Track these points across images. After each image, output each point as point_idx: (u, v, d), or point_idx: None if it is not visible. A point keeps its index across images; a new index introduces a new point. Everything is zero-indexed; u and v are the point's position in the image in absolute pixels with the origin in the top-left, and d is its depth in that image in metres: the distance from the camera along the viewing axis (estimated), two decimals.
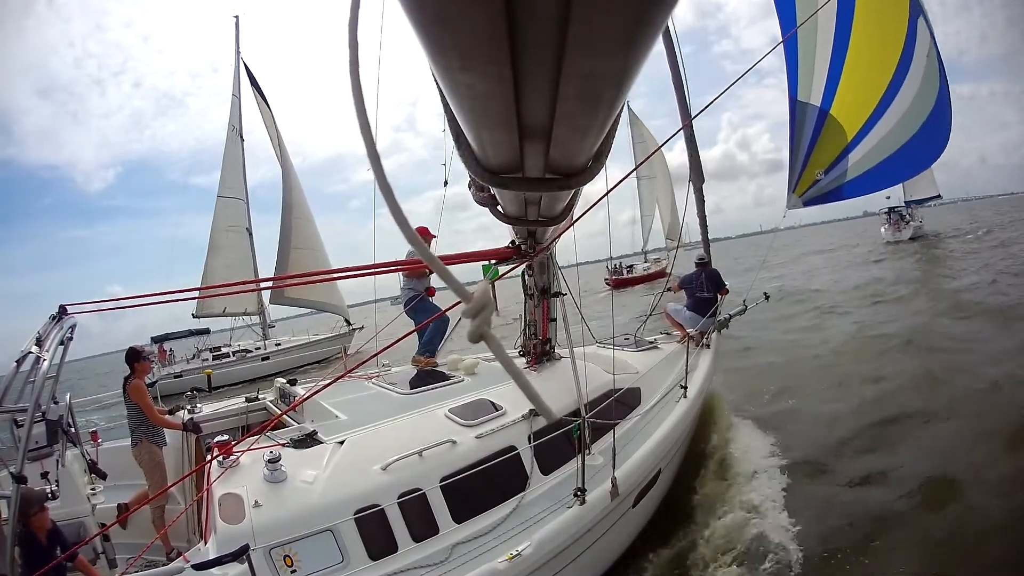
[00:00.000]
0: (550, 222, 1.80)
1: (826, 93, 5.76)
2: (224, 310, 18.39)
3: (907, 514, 4.08)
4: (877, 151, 5.72)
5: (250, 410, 4.71)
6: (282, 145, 20.35)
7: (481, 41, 0.62)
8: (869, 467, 4.83)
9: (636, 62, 0.69)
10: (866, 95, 5.69)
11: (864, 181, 5.83)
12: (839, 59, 5.65)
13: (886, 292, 13.75)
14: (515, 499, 3.07)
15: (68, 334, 2.92)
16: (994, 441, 4.80)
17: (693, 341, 5.47)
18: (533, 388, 0.62)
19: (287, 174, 20.19)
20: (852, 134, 5.74)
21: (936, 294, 12.33)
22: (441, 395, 3.93)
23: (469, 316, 0.59)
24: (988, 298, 10.72)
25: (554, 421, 3.17)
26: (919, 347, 8.04)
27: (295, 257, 18.97)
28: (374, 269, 3.24)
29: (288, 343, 19.35)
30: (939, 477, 4.44)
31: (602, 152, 1.12)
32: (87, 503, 3.71)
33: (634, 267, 32.82)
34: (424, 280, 5.24)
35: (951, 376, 6.52)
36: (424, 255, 0.59)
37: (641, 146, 30.98)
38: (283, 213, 19.71)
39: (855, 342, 9.21)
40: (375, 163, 0.57)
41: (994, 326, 8.58)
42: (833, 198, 6.04)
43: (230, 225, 18.97)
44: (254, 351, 18.02)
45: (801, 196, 6.10)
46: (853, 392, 6.66)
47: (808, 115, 5.88)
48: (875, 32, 5.61)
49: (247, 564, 2.23)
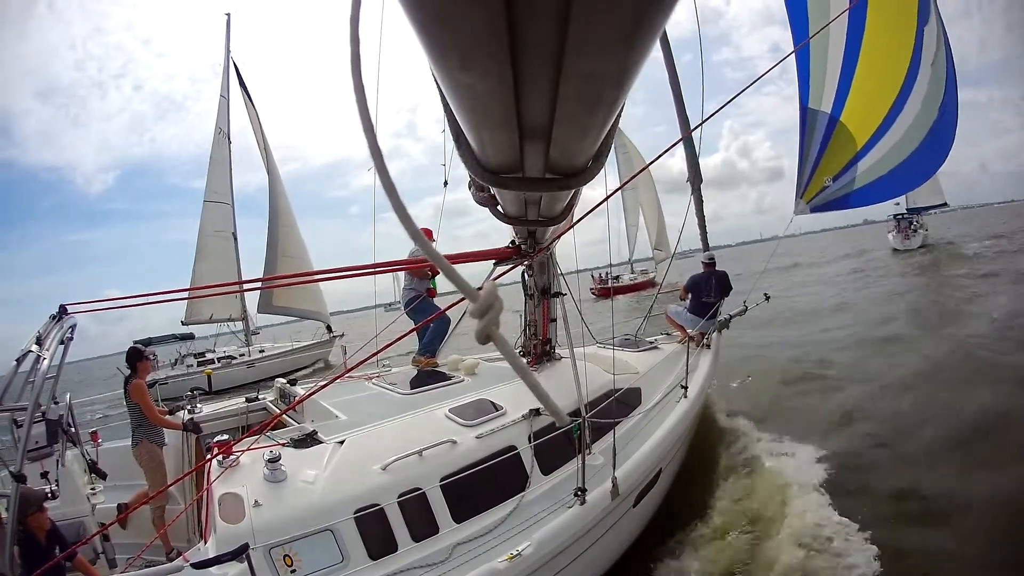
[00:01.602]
0: (550, 222, 1.80)
1: (836, 101, 5.76)
2: (211, 316, 18.38)
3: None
4: (886, 160, 5.68)
5: (250, 410, 4.71)
6: (268, 150, 20.07)
7: (481, 41, 0.62)
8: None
9: (636, 62, 0.69)
10: (877, 103, 5.68)
11: (872, 190, 5.80)
12: (850, 67, 5.64)
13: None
14: (515, 499, 3.07)
15: (68, 334, 2.92)
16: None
17: (693, 342, 5.47)
18: (543, 389, 0.62)
19: (274, 180, 20.03)
20: (862, 142, 5.73)
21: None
22: (441, 395, 3.93)
23: (476, 316, 0.58)
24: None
25: (565, 425, 3.16)
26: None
27: (283, 264, 18.97)
28: (375, 269, 3.24)
29: (272, 350, 19.38)
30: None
31: (602, 152, 1.12)
32: (87, 503, 3.71)
33: (620, 277, 32.22)
34: (425, 281, 5.24)
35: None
36: (429, 253, 0.58)
37: (624, 155, 30.62)
38: (270, 220, 19.61)
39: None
40: (378, 161, 0.57)
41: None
42: (840, 206, 6.00)
43: (216, 230, 18.84)
44: (239, 357, 18.00)
45: (809, 202, 6.05)
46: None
47: (818, 122, 5.88)
48: (885, 40, 5.60)
49: (247, 563, 2.22)
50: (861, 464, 5.00)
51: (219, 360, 17.36)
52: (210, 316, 18.34)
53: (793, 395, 7.24)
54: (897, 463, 4.93)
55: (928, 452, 5.00)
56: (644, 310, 6.95)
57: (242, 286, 19.04)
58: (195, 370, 16.24)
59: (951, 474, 4.55)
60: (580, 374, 3.41)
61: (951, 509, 4.10)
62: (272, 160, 20.09)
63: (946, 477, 4.51)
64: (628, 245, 33.42)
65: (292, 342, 20.26)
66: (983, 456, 4.76)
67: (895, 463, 4.95)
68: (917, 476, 4.62)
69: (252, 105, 19.84)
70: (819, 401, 6.81)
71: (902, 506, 4.24)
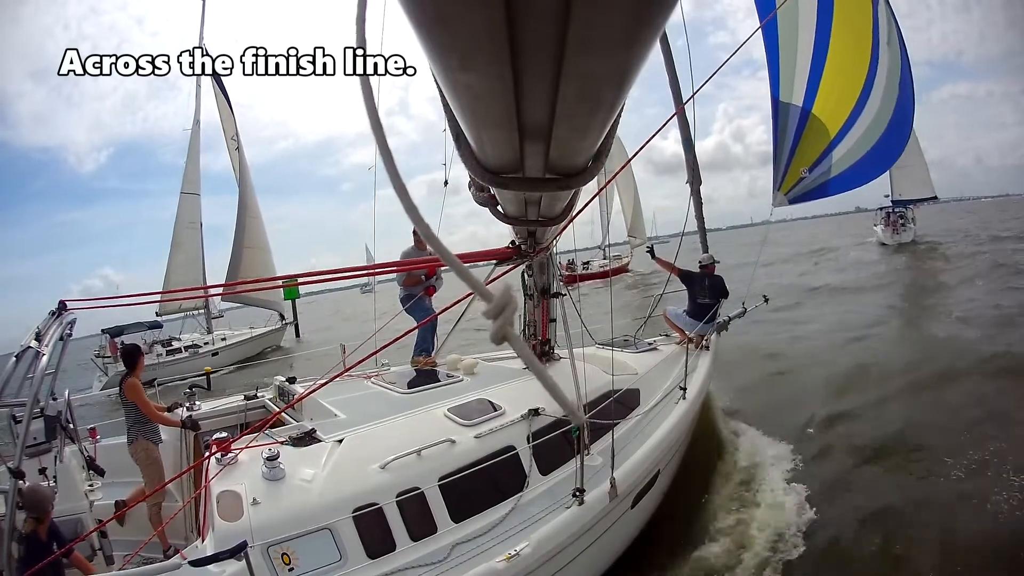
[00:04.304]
0: (550, 222, 1.80)
1: (808, 93, 5.85)
2: (179, 307, 18.82)
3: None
4: (859, 146, 5.79)
5: (249, 408, 4.71)
6: (239, 139, 20.06)
7: (481, 41, 0.62)
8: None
9: (636, 62, 0.69)
10: (846, 92, 5.77)
11: (848, 176, 5.89)
12: (820, 59, 5.74)
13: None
14: (513, 499, 3.06)
15: (67, 330, 2.92)
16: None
17: (692, 343, 5.47)
18: (560, 390, 0.61)
19: (243, 172, 20.13)
20: (834, 132, 5.82)
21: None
22: (440, 395, 3.93)
23: (490, 316, 0.57)
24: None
25: (581, 422, 3.16)
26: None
27: (247, 256, 19.37)
28: (375, 269, 3.24)
29: (232, 337, 19.74)
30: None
31: (602, 152, 1.12)
32: (85, 500, 3.70)
33: (590, 263, 30.34)
34: (417, 286, 5.26)
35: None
36: (443, 254, 0.58)
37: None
38: (239, 211, 19.89)
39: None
40: (391, 168, 0.56)
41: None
42: (819, 195, 6.08)
43: (191, 221, 19.27)
44: (203, 346, 18.32)
45: (787, 194, 6.15)
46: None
47: (791, 115, 5.96)
48: (849, 29, 5.73)
49: (245, 562, 2.22)
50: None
51: (186, 349, 17.70)
52: (179, 307, 18.81)
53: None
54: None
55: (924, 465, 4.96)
56: (657, 299, 6.87)
57: (239, 286, 19.24)
58: (165, 360, 16.38)
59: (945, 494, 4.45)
60: (579, 375, 3.41)
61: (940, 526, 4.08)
62: (243, 155, 20.21)
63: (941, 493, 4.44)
64: (602, 230, 32.03)
65: (249, 328, 20.83)
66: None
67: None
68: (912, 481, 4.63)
69: (225, 96, 19.84)
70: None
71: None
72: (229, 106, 19.94)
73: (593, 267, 29.93)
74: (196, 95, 19.61)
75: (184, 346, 17.83)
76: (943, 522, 3.99)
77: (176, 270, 18.60)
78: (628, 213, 31.67)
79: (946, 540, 3.79)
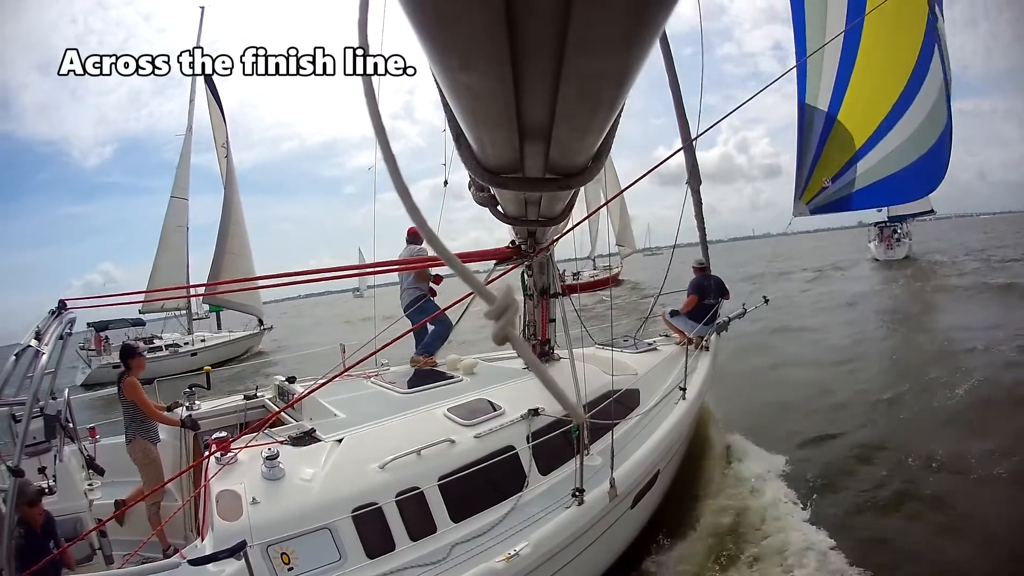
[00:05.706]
0: (550, 222, 1.80)
1: (834, 97, 5.56)
2: (162, 307, 19.15)
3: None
4: (888, 163, 5.43)
5: (248, 407, 4.71)
6: (228, 147, 20.30)
7: (481, 41, 0.62)
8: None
9: (636, 62, 0.69)
10: (876, 103, 5.43)
11: (875, 192, 5.55)
12: (848, 63, 5.44)
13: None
14: (513, 499, 3.06)
15: (67, 329, 2.92)
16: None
17: (692, 344, 5.47)
18: (560, 389, 0.62)
19: (231, 179, 20.34)
20: (861, 142, 5.51)
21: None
22: (440, 394, 3.93)
23: (492, 317, 0.57)
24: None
25: (583, 420, 3.17)
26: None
27: (228, 261, 19.60)
28: (376, 268, 3.24)
29: (212, 339, 20.12)
30: None
31: (602, 152, 1.12)
32: (84, 499, 3.70)
33: (580, 273, 29.91)
34: (427, 282, 5.24)
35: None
36: (444, 255, 0.58)
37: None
38: (222, 218, 20.10)
39: None
40: (394, 173, 0.56)
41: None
42: (842, 207, 5.75)
43: (178, 225, 19.76)
44: (183, 346, 18.65)
45: (808, 203, 5.86)
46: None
47: (816, 120, 5.69)
48: (886, 38, 5.36)
49: (244, 561, 2.22)
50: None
51: (167, 348, 18.02)
52: (161, 307, 19.16)
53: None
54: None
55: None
56: (655, 302, 6.82)
57: (233, 285, 19.44)
58: (149, 358, 16.53)
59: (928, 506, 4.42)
60: (579, 375, 3.41)
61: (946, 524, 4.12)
62: (231, 163, 20.42)
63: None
64: (590, 239, 32.27)
65: (228, 331, 21.43)
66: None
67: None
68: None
69: (218, 102, 19.99)
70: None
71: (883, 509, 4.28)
72: (222, 113, 20.15)
73: (584, 277, 29.55)
74: (190, 101, 20.01)
75: (165, 344, 18.16)
76: (943, 522, 4.07)
77: (161, 269, 19.16)
78: (616, 224, 31.60)
79: (945, 537, 3.84)
